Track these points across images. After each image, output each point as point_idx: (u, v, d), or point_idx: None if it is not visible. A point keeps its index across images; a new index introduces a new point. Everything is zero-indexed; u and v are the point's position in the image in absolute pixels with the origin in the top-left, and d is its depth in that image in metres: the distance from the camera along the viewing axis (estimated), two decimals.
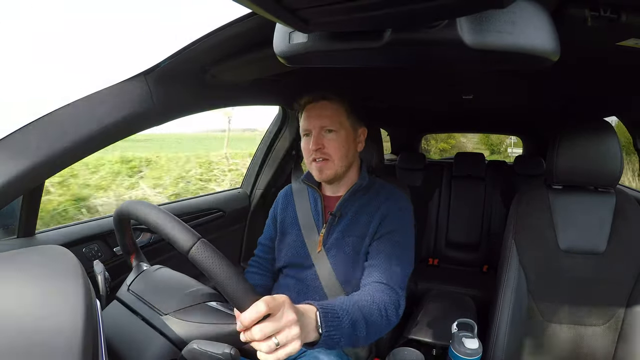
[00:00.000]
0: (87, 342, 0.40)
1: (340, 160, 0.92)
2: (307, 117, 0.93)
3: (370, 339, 0.73)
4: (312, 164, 0.93)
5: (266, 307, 0.50)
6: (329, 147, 0.90)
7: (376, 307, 0.74)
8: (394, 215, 0.91)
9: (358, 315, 0.68)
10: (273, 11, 0.41)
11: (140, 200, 0.61)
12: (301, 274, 0.95)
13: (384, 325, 0.76)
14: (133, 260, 0.78)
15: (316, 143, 0.90)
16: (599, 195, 1.06)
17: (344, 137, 0.92)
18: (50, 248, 0.60)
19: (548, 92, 1.47)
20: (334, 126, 0.91)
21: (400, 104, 1.96)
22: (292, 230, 1.00)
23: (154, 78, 0.83)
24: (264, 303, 0.50)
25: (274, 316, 0.51)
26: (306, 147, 0.93)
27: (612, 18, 0.55)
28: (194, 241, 0.52)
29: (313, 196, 1.01)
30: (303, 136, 0.95)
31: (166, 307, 0.64)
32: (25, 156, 0.71)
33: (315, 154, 0.91)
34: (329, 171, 0.92)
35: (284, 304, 0.53)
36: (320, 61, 0.57)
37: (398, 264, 0.85)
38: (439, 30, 0.47)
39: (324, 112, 0.91)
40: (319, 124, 0.91)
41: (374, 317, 0.72)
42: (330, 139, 0.91)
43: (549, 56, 0.49)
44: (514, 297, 1.04)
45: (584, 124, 1.03)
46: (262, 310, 0.49)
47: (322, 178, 0.94)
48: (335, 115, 0.91)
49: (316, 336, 0.59)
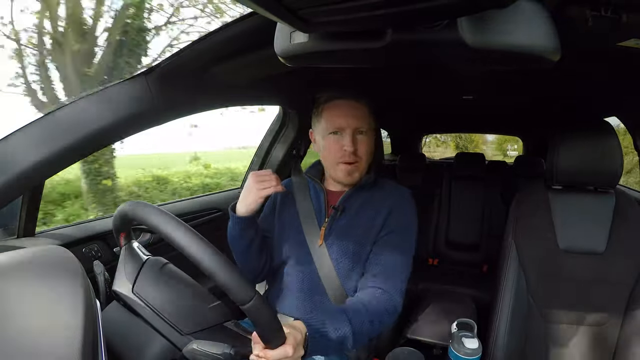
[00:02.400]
0: (87, 342, 0.40)
1: (366, 163, 0.92)
2: (338, 115, 0.89)
3: (359, 344, 0.77)
4: (339, 165, 0.91)
5: (293, 351, 0.58)
6: (361, 150, 0.89)
7: (369, 318, 0.76)
8: (400, 210, 0.91)
9: (346, 328, 0.72)
10: (274, 11, 0.41)
11: (206, 243, 0.55)
12: (301, 268, 0.93)
13: (375, 332, 0.79)
14: (122, 240, 0.75)
15: (353, 144, 0.88)
16: (599, 195, 1.06)
17: (372, 139, 0.92)
18: (50, 248, 0.60)
19: (548, 92, 1.47)
20: (365, 128, 0.89)
21: (401, 104, 1.96)
22: (291, 224, 0.98)
23: (154, 78, 0.83)
24: (292, 349, 0.58)
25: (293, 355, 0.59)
26: (336, 146, 0.89)
27: (613, 18, 0.55)
28: (251, 296, 0.52)
29: (315, 190, 0.99)
30: (329, 134, 0.90)
31: (185, 326, 0.65)
32: (25, 156, 0.71)
33: (350, 156, 0.88)
34: (357, 174, 0.91)
35: (301, 342, 0.62)
36: (320, 61, 0.57)
37: (398, 268, 0.86)
38: (439, 30, 0.47)
39: (356, 112, 0.89)
40: (354, 125, 0.88)
41: (365, 328, 0.76)
42: (362, 142, 0.89)
43: (549, 56, 0.49)
44: (513, 297, 1.04)
45: (584, 124, 1.03)
46: (290, 354, 0.57)
47: (349, 181, 0.92)
48: (366, 117, 0.90)
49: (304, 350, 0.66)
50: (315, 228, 0.94)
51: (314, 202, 0.97)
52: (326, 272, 0.91)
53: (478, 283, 1.87)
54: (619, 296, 1.01)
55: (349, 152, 0.87)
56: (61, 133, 0.73)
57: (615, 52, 0.74)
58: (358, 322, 0.74)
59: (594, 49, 0.79)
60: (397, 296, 0.83)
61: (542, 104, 1.75)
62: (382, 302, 0.80)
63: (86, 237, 1.00)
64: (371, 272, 0.86)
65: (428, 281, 1.90)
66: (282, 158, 1.61)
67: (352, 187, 0.94)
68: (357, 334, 0.73)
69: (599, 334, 1.02)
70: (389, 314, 0.81)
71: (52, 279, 0.49)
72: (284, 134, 1.61)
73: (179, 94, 0.91)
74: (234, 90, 1.10)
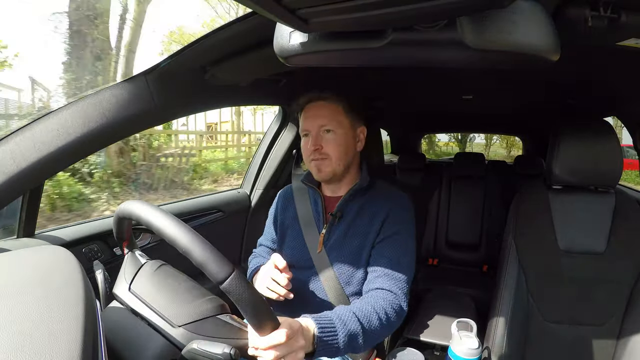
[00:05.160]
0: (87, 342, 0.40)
1: (339, 160, 0.91)
2: (305, 117, 0.93)
3: (370, 346, 0.76)
4: (311, 163, 0.94)
5: (286, 338, 0.55)
6: (327, 146, 0.90)
7: (376, 316, 0.76)
8: (397, 215, 0.91)
9: (356, 327, 0.72)
10: (273, 10, 0.41)
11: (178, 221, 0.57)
12: (302, 274, 0.94)
13: (385, 331, 0.79)
14: (125, 248, 0.76)
15: (314, 143, 0.90)
16: (599, 195, 1.06)
17: (343, 136, 0.91)
18: (50, 248, 0.60)
19: (548, 92, 1.47)
20: (332, 125, 0.91)
21: (400, 104, 1.96)
22: (292, 230, 0.99)
23: (154, 78, 0.83)
24: (285, 334, 0.55)
25: (288, 341, 0.57)
26: (305, 147, 0.93)
27: (613, 18, 0.55)
28: (228, 272, 0.52)
29: (313, 196, 1.00)
30: (303, 136, 0.95)
31: (177, 318, 0.64)
32: (25, 156, 0.71)
33: (313, 154, 0.91)
34: (327, 169, 0.91)
35: (299, 331, 0.60)
36: (320, 61, 0.57)
37: (401, 269, 0.86)
38: (439, 30, 0.47)
39: (322, 111, 0.91)
40: (317, 124, 0.91)
41: (374, 326, 0.75)
42: (329, 139, 0.91)
43: (549, 56, 0.49)
44: (513, 297, 1.04)
45: (583, 124, 1.03)
46: (283, 340, 0.55)
47: (320, 177, 0.94)
48: (333, 115, 0.91)
49: (313, 348, 0.65)
50: (314, 234, 0.95)
51: (313, 209, 0.99)
52: (327, 277, 0.92)
53: (478, 283, 1.87)
54: (619, 296, 1.01)
55: (311, 150, 0.91)
56: (61, 133, 0.73)
57: (615, 52, 0.74)
58: (366, 320, 0.74)
59: (593, 49, 0.80)
60: (402, 296, 0.83)
61: (542, 104, 1.75)
62: (388, 302, 0.80)
63: (86, 237, 1.00)
64: (374, 275, 0.87)
65: (428, 281, 1.90)
66: (282, 158, 1.61)
67: (348, 192, 0.95)
68: (367, 332, 0.73)
69: (599, 333, 1.02)
70: (396, 313, 0.81)
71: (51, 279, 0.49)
72: (284, 134, 1.61)
73: (178, 94, 0.91)
74: (233, 90, 1.10)
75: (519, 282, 1.05)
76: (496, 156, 12.49)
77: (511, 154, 12.27)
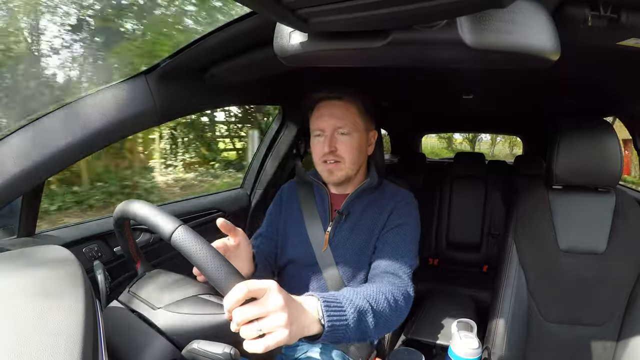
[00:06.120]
0: (87, 342, 0.40)
1: (352, 164, 0.89)
2: (319, 116, 0.89)
3: (380, 331, 0.69)
4: (321, 165, 0.90)
5: (247, 288, 0.48)
6: (341, 149, 0.87)
7: (383, 296, 0.70)
8: (401, 209, 0.90)
9: (364, 304, 0.64)
10: (273, 10, 0.41)
11: (133, 200, 0.63)
12: (305, 272, 0.93)
13: (394, 315, 0.72)
14: (139, 269, 0.77)
15: (330, 145, 0.86)
16: (599, 195, 1.06)
17: (357, 139, 0.89)
18: (50, 248, 0.60)
19: (548, 91, 1.47)
20: (349, 128, 0.87)
21: (401, 104, 1.96)
22: (296, 227, 0.97)
23: (154, 78, 0.83)
24: (245, 284, 0.48)
25: (258, 300, 0.49)
26: (317, 147, 0.89)
27: (612, 18, 0.55)
28: (175, 227, 0.53)
29: (320, 193, 0.98)
30: (314, 136, 0.91)
31: (159, 302, 0.64)
32: (25, 156, 0.71)
33: (327, 156, 0.88)
34: (340, 172, 0.89)
35: (270, 288, 0.50)
36: (320, 61, 0.57)
37: (405, 255, 0.84)
38: (439, 30, 0.47)
39: (338, 111, 0.87)
40: (332, 125, 0.87)
41: (382, 307, 0.68)
42: (344, 142, 0.87)
43: (549, 56, 0.49)
44: (513, 297, 1.04)
45: (583, 124, 1.03)
46: (244, 291, 0.48)
47: (331, 180, 0.91)
48: (349, 116, 0.88)
49: (319, 328, 0.56)
50: (320, 232, 0.94)
51: (318, 206, 0.97)
52: (330, 275, 0.91)
53: (478, 283, 1.87)
54: (619, 296, 1.00)
55: (325, 152, 0.87)
56: (61, 133, 0.73)
57: (615, 52, 0.74)
58: (373, 299, 0.67)
59: (593, 49, 0.79)
60: (408, 280, 0.80)
61: (542, 104, 1.75)
62: (395, 285, 0.76)
63: (86, 237, 1.00)
64: (378, 262, 0.84)
65: (428, 281, 1.90)
66: (282, 158, 1.61)
67: (356, 189, 0.93)
68: (376, 313, 0.66)
69: (599, 333, 1.02)
70: (404, 297, 0.76)
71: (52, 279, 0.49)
72: (284, 133, 1.61)
73: (178, 94, 0.91)
74: (233, 90, 1.10)
75: (519, 282, 1.05)
76: (500, 154, 12.72)
77: (513, 152, 12.34)
